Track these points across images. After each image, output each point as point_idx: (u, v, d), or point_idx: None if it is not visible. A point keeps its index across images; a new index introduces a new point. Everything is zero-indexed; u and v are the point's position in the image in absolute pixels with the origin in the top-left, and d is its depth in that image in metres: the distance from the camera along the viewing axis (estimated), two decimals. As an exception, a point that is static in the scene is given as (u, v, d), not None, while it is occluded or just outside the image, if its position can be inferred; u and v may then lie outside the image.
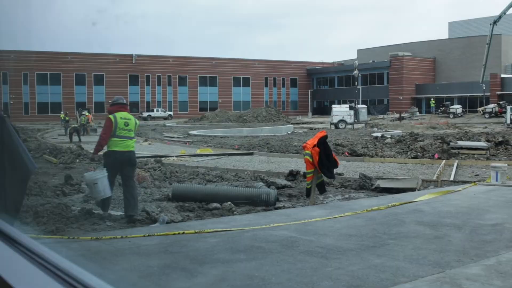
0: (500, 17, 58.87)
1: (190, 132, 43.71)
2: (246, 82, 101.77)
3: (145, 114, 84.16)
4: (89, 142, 31.84)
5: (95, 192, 9.56)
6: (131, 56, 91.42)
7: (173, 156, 22.66)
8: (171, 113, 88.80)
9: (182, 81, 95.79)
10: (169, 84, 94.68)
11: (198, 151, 26.17)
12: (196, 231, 8.08)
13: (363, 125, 52.47)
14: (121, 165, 9.91)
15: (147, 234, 7.87)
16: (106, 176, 9.53)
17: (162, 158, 20.64)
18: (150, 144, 33.14)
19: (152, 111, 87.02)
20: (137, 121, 10.31)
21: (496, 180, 13.43)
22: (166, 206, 10.47)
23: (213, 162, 21.12)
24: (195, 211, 10.57)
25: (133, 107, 78.28)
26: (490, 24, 61.24)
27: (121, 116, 9.84)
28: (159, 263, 6.44)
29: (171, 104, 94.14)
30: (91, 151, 14.54)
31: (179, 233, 7.92)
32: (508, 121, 50.35)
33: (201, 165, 19.31)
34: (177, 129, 52.16)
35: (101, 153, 10.41)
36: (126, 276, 5.97)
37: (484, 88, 74.58)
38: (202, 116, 71.92)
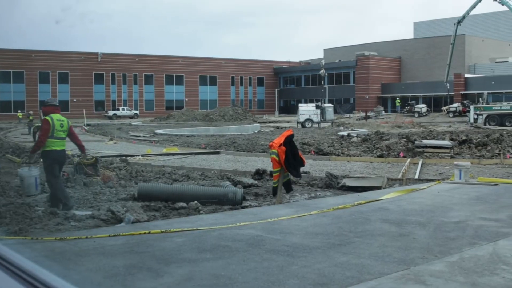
0: (463, 17, 59.84)
1: (156, 131, 43.41)
2: (212, 81, 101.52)
3: (111, 113, 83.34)
4: (54, 141, 31.44)
5: (22, 188, 10.33)
6: (96, 54, 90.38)
7: (139, 156, 22.48)
8: (137, 112, 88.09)
9: (148, 80, 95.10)
10: (135, 83, 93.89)
11: (164, 150, 26.02)
12: (162, 230, 8.03)
13: (330, 124, 52.79)
14: (57, 163, 10.55)
15: (112, 234, 7.79)
16: (35, 176, 10.36)
17: (128, 158, 20.47)
18: (115, 143, 32.84)
19: (118, 109, 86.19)
20: (70, 122, 10.96)
21: (460, 178, 13.65)
22: (131, 206, 10.38)
23: (179, 161, 21.02)
24: (161, 210, 10.50)
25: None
26: (454, 24, 62.20)
27: (57, 118, 10.47)
28: (124, 263, 6.38)
29: (137, 103, 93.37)
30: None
31: (145, 233, 7.86)
32: (472, 120, 51.25)
33: (167, 164, 19.20)
34: (143, 128, 51.79)
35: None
36: (91, 276, 5.90)
37: (448, 87, 75.73)
38: (169, 115, 71.59)
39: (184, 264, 6.32)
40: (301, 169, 12.42)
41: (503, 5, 53.29)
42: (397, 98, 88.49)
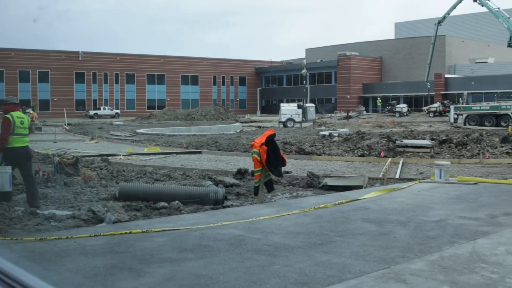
0: (444, 17, 60.29)
1: (138, 130, 43.23)
2: (194, 81, 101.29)
3: (92, 112, 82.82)
4: (33, 141, 31.18)
5: None
6: (77, 53, 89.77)
7: (120, 155, 22.36)
8: (118, 111, 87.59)
9: (130, 79, 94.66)
10: (116, 82, 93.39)
11: (146, 150, 25.94)
12: (143, 230, 8.01)
13: (311, 123, 52.92)
14: (21, 160, 10.78)
15: (93, 234, 7.75)
16: (9, 173, 10.42)
17: (109, 157, 20.35)
18: (96, 142, 32.66)
19: (99, 109, 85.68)
20: (29, 118, 11.26)
21: (440, 178, 13.76)
22: (112, 206, 10.33)
23: (160, 161, 20.95)
24: (142, 210, 10.45)
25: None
26: (435, 25, 62.67)
27: (17, 115, 10.70)
28: (105, 263, 6.35)
29: (118, 102, 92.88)
30: (36, 150, 14.39)
31: (126, 233, 7.83)
32: (452, 120, 51.67)
33: (149, 164, 19.14)
34: (125, 127, 51.51)
35: None
36: (71, 277, 5.86)
37: (429, 86, 76.30)
38: (150, 115, 71.27)
39: (165, 264, 6.30)
40: (283, 169, 12.44)
41: (483, 6, 53.75)
42: (378, 98, 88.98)
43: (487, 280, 5.74)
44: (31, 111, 43.99)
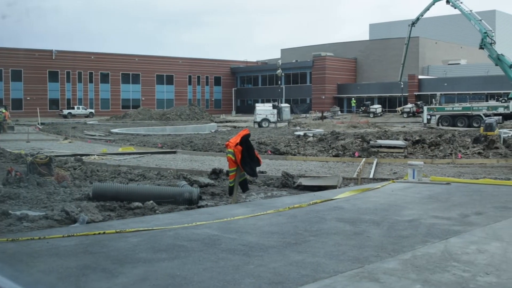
0: (417, 19, 60.80)
1: (112, 130, 42.90)
2: (169, 80, 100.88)
3: (66, 111, 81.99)
4: (6, 140, 30.81)
5: None
6: (51, 51, 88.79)
7: (94, 155, 22.19)
8: (93, 110, 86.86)
9: (104, 78, 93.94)
10: (91, 81, 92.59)
11: (120, 150, 25.76)
12: (117, 230, 7.96)
13: (286, 123, 53.05)
14: None
15: (66, 235, 7.68)
16: None
17: (83, 157, 20.18)
18: (70, 142, 32.34)
19: (73, 108, 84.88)
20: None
21: (413, 178, 13.90)
22: (86, 206, 10.24)
23: (135, 161, 20.84)
24: (117, 210, 10.39)
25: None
26: (409, 26, 63.24)
27: None
28: (78, 264, 6.30)
29: (92, 102, 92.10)
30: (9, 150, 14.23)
31: (99, 233, 7.78)
32: (425, 121, 52.20)
33: (123, 164, 19.02)
34: (99, 127, 51.08)
35: None
36: (43, 278, 5.80)
37: (402, 86, 77.05)
38: (125, 114, 70.83)
39: (139, 264, 6.28)
40: (258, 169, 12.45)
41: (455, 8, 54.25)
42: (353, 99, 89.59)
43: (458, 279, 5.81)
44: (3, 110, 43.36)
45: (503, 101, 51.37)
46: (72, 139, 34.25)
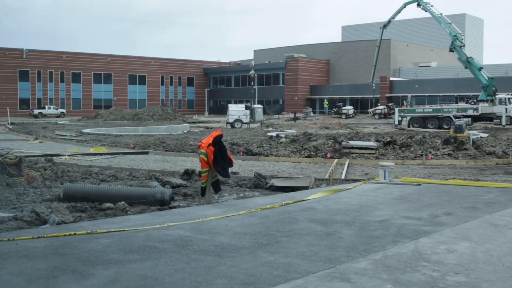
0: (389, 21, 61.50)
1: (84, 130, 42.52)
2: (142, 80, 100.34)
3: (36, 111, 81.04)
4: (-26, 140, 30.31)
5: None
6: (21, 50, 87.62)
7: (65, 155, 21.96)
8: (64, 110, 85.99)
9: (76, 78, 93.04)
10: (62, 81, 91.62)
11: (92, 150, 25.53)
12: (88, 231, 7.89)
13: (259, 124, 53.11)
14: None
15: (36, 236, 7.59)
16: None
17: (54, 157, 19.96)
18: (41, 142, 31.98)
19: (44, 108, 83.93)
20: None
21: (384, 178, 14.02)
22: (57, 207, 10.14)
23: (107, 161, 20.68)
24: (88, 211, 10.30)
25: None
26: (380, 28, 63.98)
27: None
28: (48, 265, 6.22)
29: (63, 102, 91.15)
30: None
31: (70, 234, 7.70)
32: (396, 122, 52.75)
33: (95, 165, 18.86)
34: (70, 127, 50.59)
35: None
36: (12, 281, 5.72)
37: (374, 88, 77.81)
38: (97, 114, 70.31)
39: (111, 266, 6.23)
40: (230, 169, 12.45)
41: (426, 11, 54.99)
42: (325, 100, 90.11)
43: (428, 278, 5.88)
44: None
45: (473, 103, 52.14)
46: (43, 139, 33.87)
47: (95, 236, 7.69)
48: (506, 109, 48.32)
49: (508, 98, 49.40)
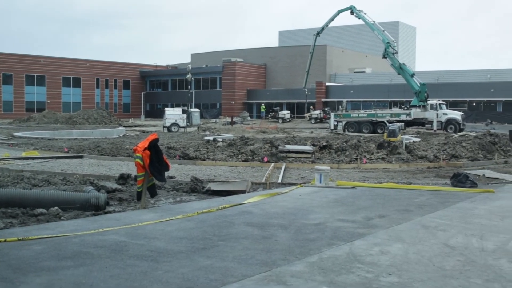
0: (322, 29, 62.65)
1: (15, 133, 41.33)
2: (76, 83, 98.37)
3: (-36, 114, 78.39)
4: None
5: None
6: None
7: (-5, 159, 21.29)
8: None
9: (7, 80, 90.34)
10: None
11: (24, 154, 24.84)
12: (20, 238, 7.68)
13: (196, 128, 52.98)
14: None
15: (-37, 243, 7.34)
16: None
17: (-17, 162, 19.33)
18: (-31, 146, 30.91)
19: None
20: None
21: (320, 182, 14.22)
22: (-14, 213, 9.82)
23: (39, 166, 20.16)
24: (19, 217, 10.01)
25: None
26: (314, 35, 65.05)
27: None
28: (-24, 273, 6.02)
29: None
30: None
31: (0, 241, 7.47)
32: (332, 127, 53.65)
33: (27, 169, 18.36)
34: (1, 130, 49.07)
35: None
36: None
37: (307, 93, 78.92)
38: (29, 117, 68.48)
39: (43, 273, 6.08)
40: (166, 174, 12.34)
41: (359, 18, 56.20)
42: (262, 104, 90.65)
43: (362, 280, 6.00)
44: None
45: (406, 108, 53.50)
46: (-29, 143, 32.74)
47: (27, 243, 7.49)
48: (437, 114, 49.80)
49: (439, 104, 50.94)
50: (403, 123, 48.61)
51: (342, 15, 59.24)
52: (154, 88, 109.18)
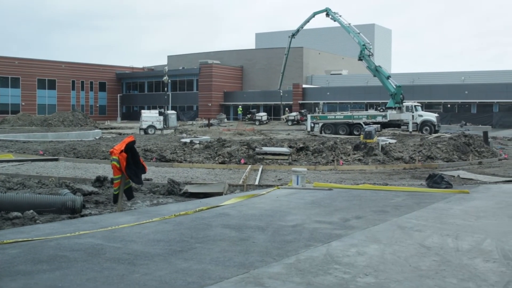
0: (298, 31, 62.79)
1: (-11, 136, 40.82)
2: (51, 85, 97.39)
3: None
4: None
5: None
6: None
7: (-32, 162, 21.01)
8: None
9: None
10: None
11: (-2, 157, 24.55)
12: (-6, 242, 7.59)
13: (173, 131, 52.78)
14: None
15: None
16: None
17: (-44, 165, 19.05)
18: None
19: None
20: None
21: (297, 184, 14.26)
22: (-41, 217, 9.69)
23: (14, 169, 19.93)
24: (-7, 221, 9.90)
25: None
26: (289, 37, 65.29)
27: None
28: (-50, 278, 5.94)
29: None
30: None
31: (-26, 245, 7.38)
32: (309, 129, 53.79)
33: (1, 172, 18.13)
34: (-26, 133, 48.44)
35: None
36: None
37: (282, 94, 79.14)
38: (3, 120, 67.63)
39: (19, 277, 6.02)
40: (143, 176, 12.29)
41: (335, 21, 56.45)
42: (239, 106, 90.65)
43: (340, 280, 6.04)
44: None
45: (381, 110, 53.86)
46: None
47: (2, 247, 7.41)
48: (413, 116, 50.23)
49: (415, 106, 51.39)
50: (379, 125, 48.88)
51: (318, 17, 59.42)
52: (130, 90, 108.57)
